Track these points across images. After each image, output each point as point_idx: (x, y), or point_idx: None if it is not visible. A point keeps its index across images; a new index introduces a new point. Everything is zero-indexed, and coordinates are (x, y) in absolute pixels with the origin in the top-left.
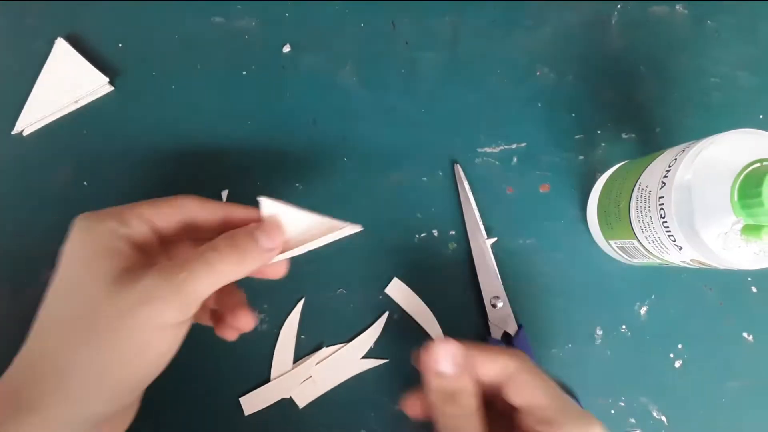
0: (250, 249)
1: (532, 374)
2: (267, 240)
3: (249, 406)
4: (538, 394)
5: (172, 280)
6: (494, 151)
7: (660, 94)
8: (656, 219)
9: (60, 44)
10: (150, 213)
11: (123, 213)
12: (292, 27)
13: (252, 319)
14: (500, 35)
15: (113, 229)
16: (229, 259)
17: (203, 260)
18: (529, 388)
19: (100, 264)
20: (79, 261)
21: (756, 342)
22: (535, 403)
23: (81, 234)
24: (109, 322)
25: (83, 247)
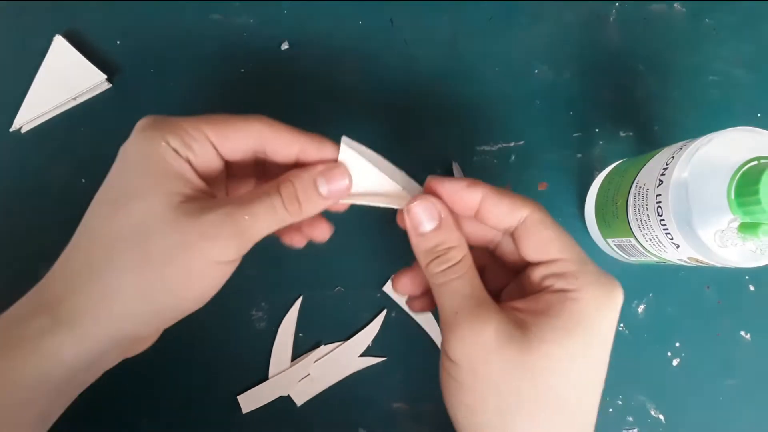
0: (310, 196)
1: (549, 224)
2: (329, 190)
3: (247, 404)
4: (555, 245)
5: (236, 222)
6: (492, 149)
7: (658, 92)
8: (654, 217)
9: (58, 41)
10: (216, 137)
11: (187, 133)
12: (291, 24)
13: (329, 227)
14: (498, 33)
15: (177, 149)
16: (291, 207)
17: (267, 205)
18: (544, 239)
19: (164, 185)
20: (142, 175)
21: (753, 340)
22: (552, 255)
23: (145, 146)
24: (166, 249)
25: (147, 162)
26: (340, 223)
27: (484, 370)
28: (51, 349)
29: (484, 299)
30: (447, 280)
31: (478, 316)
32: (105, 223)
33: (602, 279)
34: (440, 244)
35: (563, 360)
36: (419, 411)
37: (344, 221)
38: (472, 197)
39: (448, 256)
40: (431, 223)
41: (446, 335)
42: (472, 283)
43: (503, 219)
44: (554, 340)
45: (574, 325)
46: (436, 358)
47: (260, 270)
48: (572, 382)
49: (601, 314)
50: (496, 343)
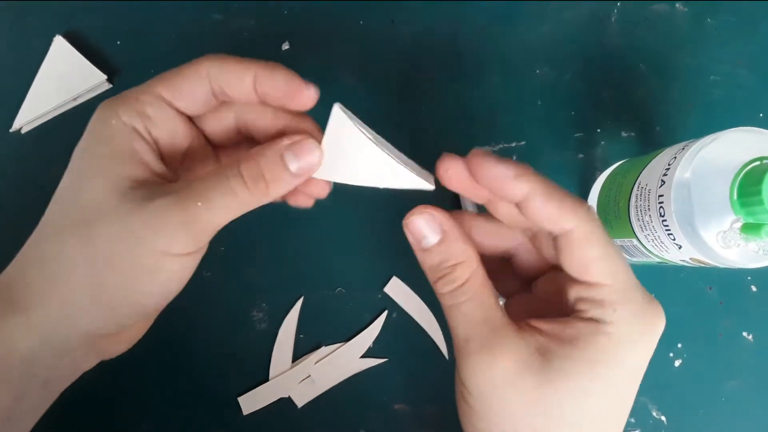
0: (278, 175)
1: (596, 241)
2: (299, 166)
3: (248, 406)
4: (598, 268)
5: (186, 209)
6: (494, 150)
7: (660, 93)
8: (656, 218)
9: (58, 42)
10: (168, 92)
11: (138, 100)
12: (291, 25)
13: (328, 185)
14: (499, 34)
15: (132, 124)
16: (256, 188)
17: (225, 188)
18: (588, 258)
19: (112, 169)
20: (90, 162)
21: (756, 341)
22: (593, 278)
23: (98, 125)
24: (110, 240)
25: (97, 145)
26: (340, 224)
27: (498, 404)
28: (3, 336)
29: (498, 324)
30: (455, 303)
31: (491, 346)
32: (56, 213)
33: (644, 309)
34: (445, 261)
35: (585, 396)
36: (420, 412)
37: (344, 222)
38: (517, 190)
39: (454, 275)
40: (435, 237)
41: (458, 360)
42: (483, 305)
43: (546, 223)
44: (577, 376)
45: (602, 360)
46: (437, 360)
47: (261, 271)
48: (593, 417)
49: (635, 347)
50: (510, 376)
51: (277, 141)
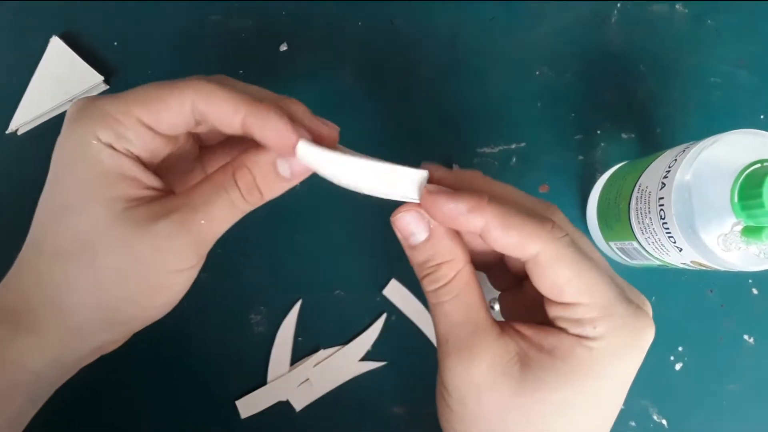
0: (271, 182)
1: (567, 260)
2: (291, 171)
3: (245, 409)
4: (573, 288)
5: (190, 229)
6: (493, 152)
7: (660, 94)
8: (656, 220)
9: (55, 42)
10: (149, 118)
11: (117, 121)
12: (289, 25)
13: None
14: (499, 34)
15: (112, 142)
16: (251, 197)
17: (225, 202)
18: (559, 280)
19: (102, 192)
20: (78, 182)
21: (757, 344)
22: (568, 299)
23: (76, 146)
24: (118, 266)
25: (81, 165)
26: (339, 226)
27: (474, 406)
28: (14, 358)
29: (481, 325)
30: (438, 301)
31: (470, 348)
32: (48, 237)
33: (629, 321)
34: (430, 259)
35: (562, 408)
36: (419, 415)
37: (343, 224)
38: (472, 225)
39: (439, 273)
40: (422, 234)
41: (439, 359)
42: (466, 305)
43: (510, 252)
44: (555, 386)
45: (581, 374)
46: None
47: (259, 273)
48: (572, 427)
49: (618, 361)
50: (488, 379)
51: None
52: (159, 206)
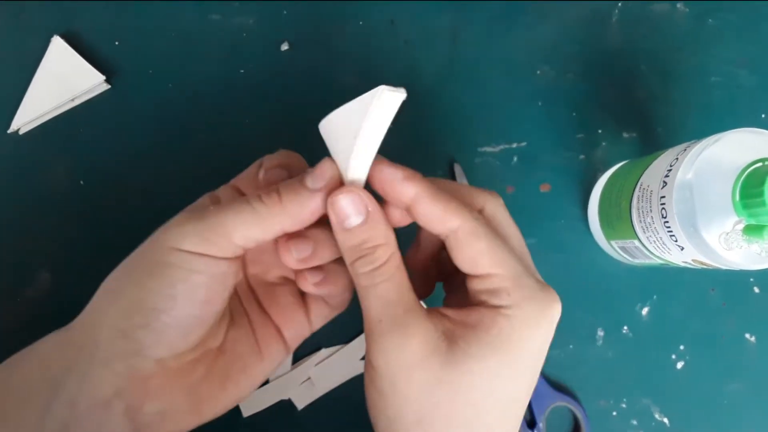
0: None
1: (482, 235)
2: (315, 183)
3: (247, 408)
4: (486, 260)
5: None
6: (494, 151)
7: (661, 93)
8: (658, 219)
9: (56, 42)
10: (249, 239)
11: (224, 253)
12: (290, 25)
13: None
14: (500, 34)
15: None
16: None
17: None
18: (474, 252)
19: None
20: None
21: (758, 343)
22: (484, 270)
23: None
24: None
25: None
26: None
27: (404, 384)
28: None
29: (410, 306)
30: (372, 283)
31: (403, 326)
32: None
33: (539, 294)
34: (366, 241)
35: (487, 377)
36: None
37: None
38: (405, 192)
39: (374, 255)
40: (358, 218)
41: (369, 342)
42: (399, 286)
43: (434, 225)
44: (480, 356)
45: (502, 342)
46: None
47: None
48: (495, 398)
49: (532, 330)
50: (419, 356)
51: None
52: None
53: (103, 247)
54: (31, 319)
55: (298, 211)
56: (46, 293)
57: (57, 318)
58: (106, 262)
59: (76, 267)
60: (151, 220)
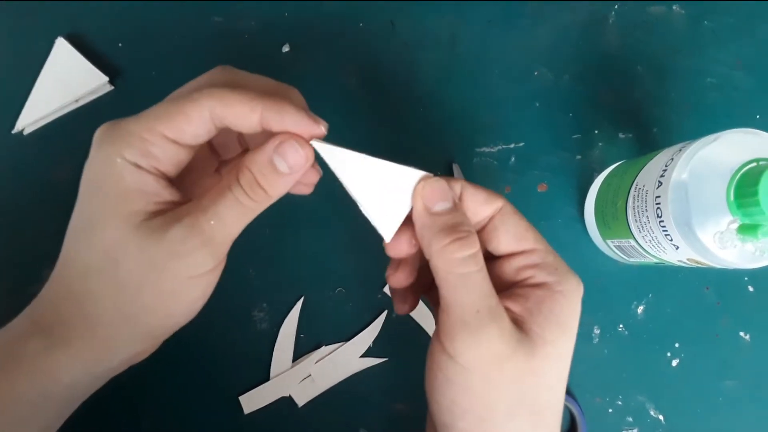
0: (272, 179)
1: (522, 215)
2: (288, 165)
3: (248, 405)
4: (532, 235)
5: (202, 231)
6: (492, 151)
7: (657, 94)
8: (653, 218)
9: (60, 43)
10: (173, 133)
11: (143, 140)
12: (292, 27)
13: (318, 171)
14: (498, 35)
15: (137, 162)
16: (256, 195)
17: (231, 201)
18: (522, 227)
19: (124, 207)
20: (101, 202)
21: (752, 341)
22: (530, 245)
23: (102, 166)
24: (136, 272)
25: (105, 184)
26: (341, 224)
27: (497, 377)
28: (47, 369)
29: (497, 299)
30: (470, 270)
31: (498, 318)
32: (76, 253)
33: (572, 270)
34: (461, 224)
35: (559, 359)
36: (420, 412)
37: (344, 222)
38: (454, 187)
39: (470, 240)
40: (448, 204)
41: (457, 335)
42: (488, 278)
43: (480, 208)
44: (552, 340)
45: (567, 319)
46: None
47: (261, 271)
48: (563, 377)
49: (578, 304)
50: (511, 347)
51: (264, 146)
52: (173, 214)
53: None
54: None
55: (280, 194)
56: None
57: None
58: None
59: None
60: None
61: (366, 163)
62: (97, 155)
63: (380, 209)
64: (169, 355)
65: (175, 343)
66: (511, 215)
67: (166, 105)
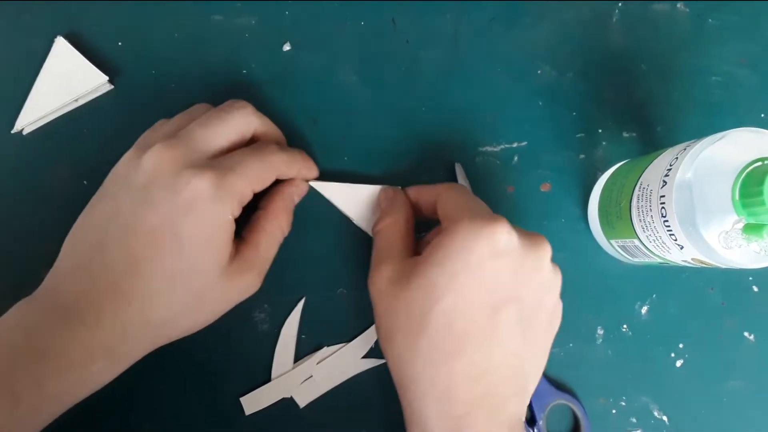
0: (291, 210)
1: (454, 191)
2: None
3: (250, 406)
4: (450, 202)
5: (262, 274)
6: (495, 150)
7: (661, 93)
8: (657, 218)
9: (59, 43)
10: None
11: (244, 196)
12: (292, 25)
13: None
14: (501, 33)
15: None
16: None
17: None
18: (445, 199)
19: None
20: (208, 251)
21: (757, 341)
22: (447, 208)
23: (215, 221)
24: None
25: (216, 238)
26: (342, 225)
27: (392, 300)
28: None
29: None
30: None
31: (394, 255)
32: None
33: (478, 218)
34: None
35: (426, 287)
36: None
37: (345, 222)
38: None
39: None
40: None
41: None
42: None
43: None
44: (420, 272)
45: (437, 252)
46: None
47: None
48: (439, 308)
49: (467, 243)
50: (401, 275)
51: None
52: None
53: None
54: None
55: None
56: None
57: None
58: None
59: None
60: None
61: (349, 189)
62: (212, 211)
63: (369, 219)
64: (170, 356)
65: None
66: (445, 199)
67: (258, 164)
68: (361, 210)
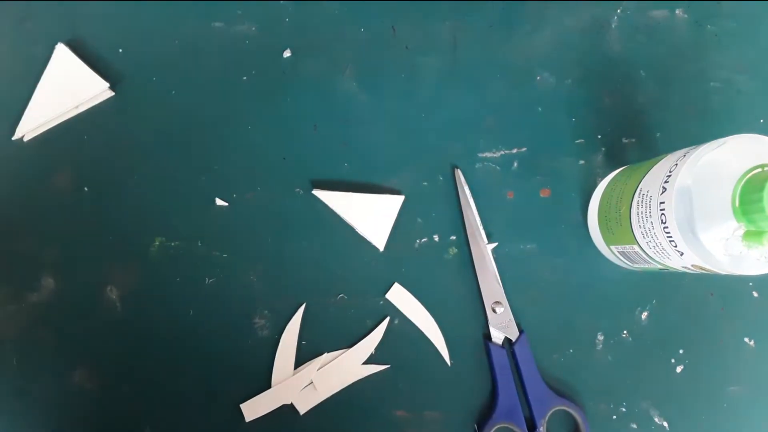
0: None
1: None
2: None
3: (250, 413)
4: None
5: None
6: (495, 156)
7: (660, 99)
8: (657, 224)
9: (60, 49)
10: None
11: None
12: (293, 32)
13: None
14: (500, 40)
15: None
16: None
17: None
18: None
19: None
20: None
21: (757, 347)
22: None
23: None
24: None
25: None
26: (342, 230)
27: None
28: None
29: None
30: None
31: None
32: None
33: None
34: None
35: None
36: (422, 419)
37: (345, 228)
38: None
39: None
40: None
41: None
42: None
43: None
44: None
45: None
46: (439, 366)
47: (262, 278)
48: None
49: None
50: None
51: None
52: None
53: (107, 254)
54: (35, 325)
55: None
56: (49, 299)
57: (61, 324)
58: (110, 268)
59: (80, 273)
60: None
61: (352, 198)
62: None
63: (371, 228)
64: (170, 363)
65: (175, 350)
66: None
67: None
68: (364, 217)
